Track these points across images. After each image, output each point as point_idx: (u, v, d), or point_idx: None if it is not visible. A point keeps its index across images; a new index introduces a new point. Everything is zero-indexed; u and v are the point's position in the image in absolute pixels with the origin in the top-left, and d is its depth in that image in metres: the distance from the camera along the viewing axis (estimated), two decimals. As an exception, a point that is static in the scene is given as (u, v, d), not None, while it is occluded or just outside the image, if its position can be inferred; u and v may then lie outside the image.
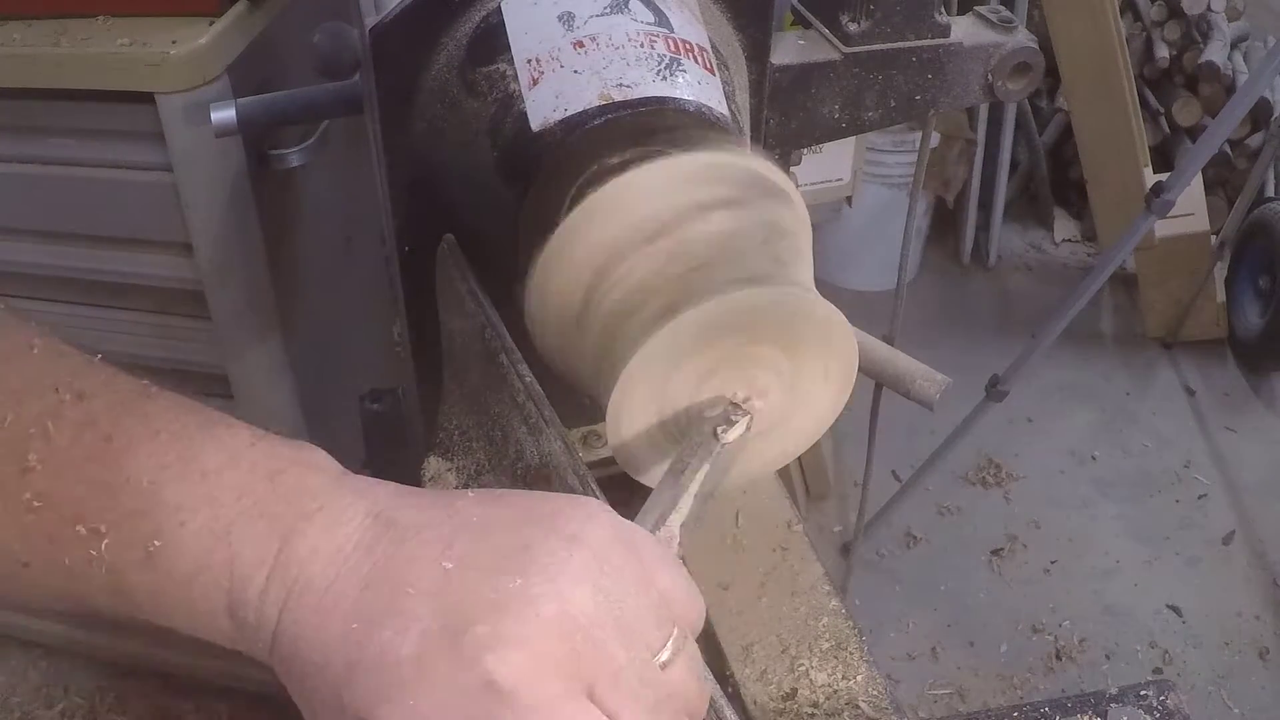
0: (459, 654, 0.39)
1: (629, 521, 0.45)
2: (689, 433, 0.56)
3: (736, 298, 0.53)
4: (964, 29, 0.82)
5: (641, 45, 0.62)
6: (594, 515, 0.43)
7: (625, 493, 0.65)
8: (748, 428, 0.56)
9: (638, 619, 0.42)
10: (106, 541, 0.44)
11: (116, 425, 0.45)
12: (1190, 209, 2.76)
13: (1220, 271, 2.86)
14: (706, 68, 0.65)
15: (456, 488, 0.69)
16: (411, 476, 0.73)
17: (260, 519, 0.43)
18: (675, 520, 0.51)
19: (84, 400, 0.46)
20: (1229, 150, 3.01)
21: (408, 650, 0.39)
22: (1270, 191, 2.91)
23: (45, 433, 0.44)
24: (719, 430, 0.55)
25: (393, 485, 0.47)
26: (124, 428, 0.45)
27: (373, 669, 0.40)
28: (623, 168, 0.57)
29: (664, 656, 0.42)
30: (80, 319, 1.38)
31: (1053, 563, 2.37)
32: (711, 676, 0.46)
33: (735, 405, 0.56)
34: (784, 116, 0.80)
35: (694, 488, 0.52)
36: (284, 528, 0.43)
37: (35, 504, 0.44)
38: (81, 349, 0.49)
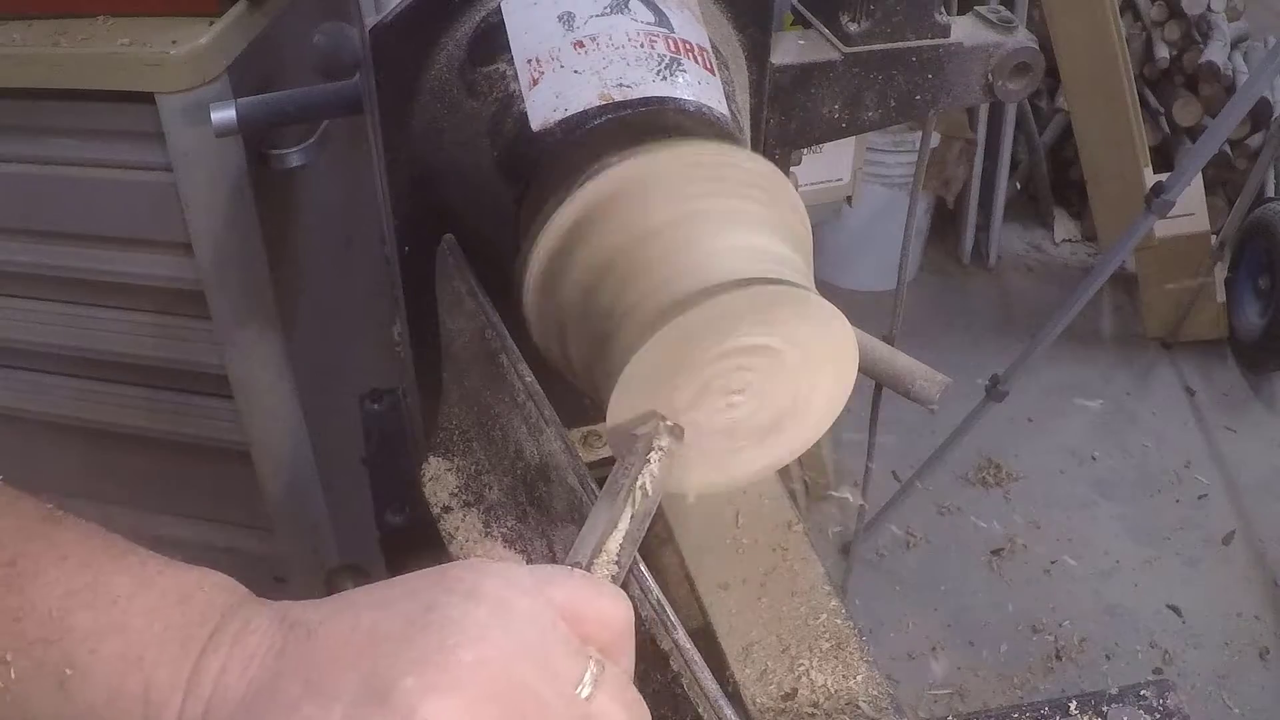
0: (391, 711, 0.39)
1: (518, 568, 0.45)
2: (622, 454, 0.55)
3: (736, 297, 0.52)
4: (964, 29, 0.82)
5: (641, 45, 0.62)
6: (485, 569, 0.44)
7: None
8: (678, 441, 0.55)
9: (551, 657, 0.42)
10: (13, 671, 0.42)
11: (21, 550, 0.44)
12: (1190, 209, 2.76)
13: (1220, 271, 2.86)
14: (706, 68, 0.65)
15: (457, 488, 0.69)
16: (411, 476, 0.73)
17: (172, 642, 0.43)
18: (613, 543, 0.50)
19: None
20: (1229, 150, 3.01)
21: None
22: (1270, 191, 2.91)
23: None
24: (652, 447, 0.54)
25: (295, 602, 0.46)
26: (29, 553, 0.44)
27: None
28: (622, 168, 0.57)
29: (585, 691, 0.42)
30: (80, 319, 1.38)
31: (1053, 563, 2.37)
32: (645, 709, 0.46)
33: (663, 421, 0.55)
34: (784, 116, 0.80)
35: (629, 508, 0.51)
36: (196, 648, 0.43)
37: None
38: None
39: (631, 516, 0.51)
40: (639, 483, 0.52)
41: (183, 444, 1.45)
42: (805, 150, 0.92)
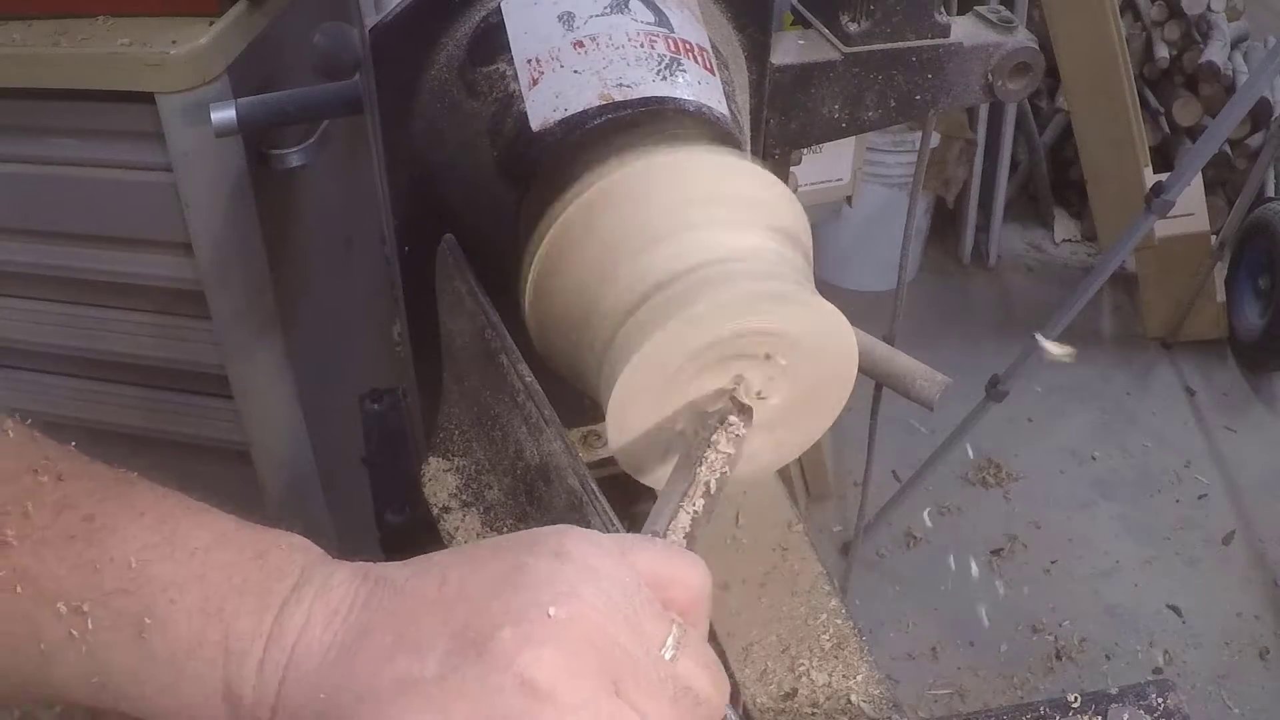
0: (489, 661, 0.39)
1: (600, 534, 0.45)
2: (695, 430, 0.56)
3: (736, 298, 0.53)
4: (964, 29, 0.82)
5: (641, 45, 0.62)
6: (569, 532, 0.44)
7: (625, 493, 0.65)
8: (749, 421, 0.56)
9: (639, 618, 0.42)
10: (90, 621, 0.42)
11: (99, 506, 0.44)
12: (1190, 209, 2.76)
13: (1220, 271, 2.86)
14: (706, 68, 0.65)
15: (457, 488, 0.70)
16: (411, 476, 0.73)
17: (251, 594, 0.43)
18: (684, 517, 0.51)
19: (64, 481, 0.45)
20: (1229, 150, 3.01)
21: (430, 672, 0.39)
22: (1270, 191, 2.91)
23: (24, 512, 0.43)
24: (723, 424, 0.55)
25: (367, 563, 0.46)
26: (106, 509, 0.44)
27: (391, 697, 0.39)
28: (622, 168, 0.57)
29: (669, 653, 0.42)
30: (80, 319, 1.38)
31: (1053, 563, 2.37)
32: (725, 672, 0.46)
33: (736, 399, 0.56)
34: (784, 116, 0.80)
35: (700, 484, 0.52)
36: (276, 600, 0.43)
37: (11, 581, 0.42)
38: (56, 442, 0.48)
39: (704, 490, 0.52)
40: (712, 457, 0.53)
41: (183, 444, 1.45)
42: (805, 150, 0.92)
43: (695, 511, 0.52)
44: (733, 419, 0.55)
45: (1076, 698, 0.62)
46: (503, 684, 0.38)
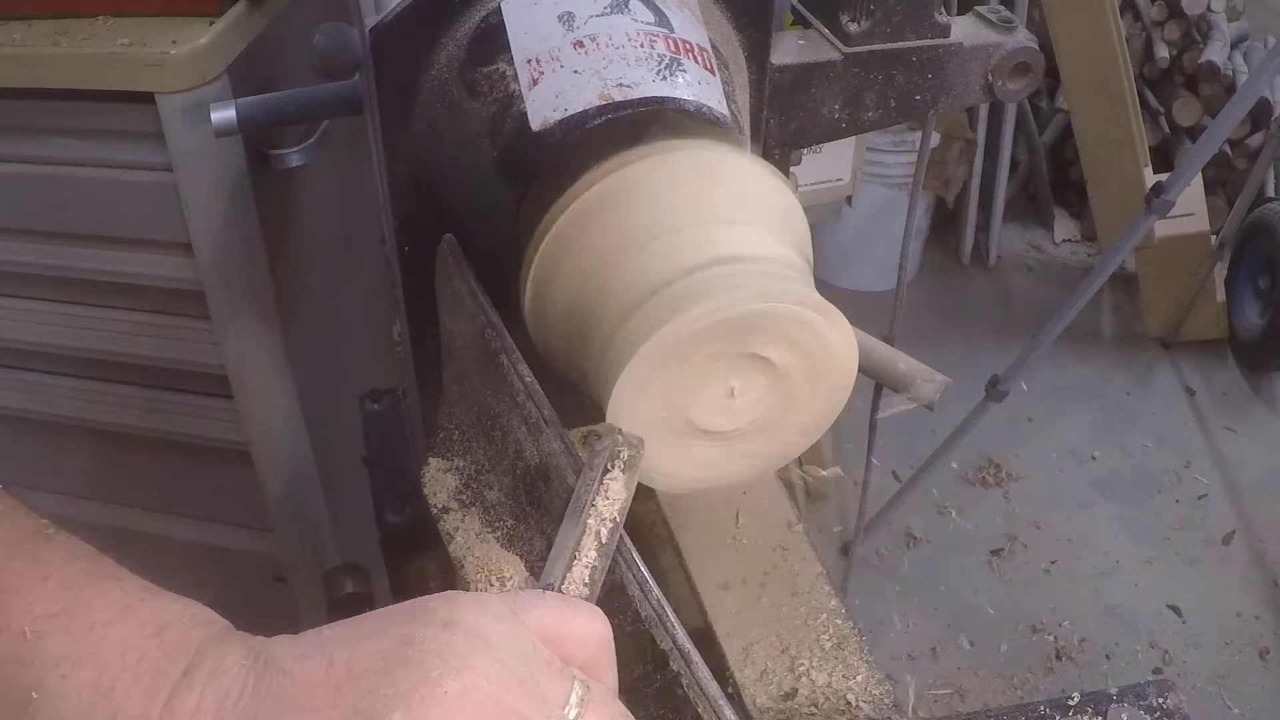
0: None
1: (490, 595, 0.45)
2: (582, 472, 0.55)
3: (736, 298, 0.52)
4: (964, 29, 0.82)
5: (641, 45, 0.62)
6: (457, 599, 0.43)
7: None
8: (637, 460, 0.54)
9: (537, 680, 0.41)
10: None
11: (6, 565, 0.43)
12: (1190, 209, 2.76)
13: (1220, 271, 2.86)
14: (706, 68, 0.65)
15: (457, 488, 0.69)
16: (411, 476, 0.73)
17: (146, 674, 0.42)
18: (582, 562, 0.50)
19: None
20: (1229, 150, 3.01)
21: None
22: (1270, 191, 2.91)
23: None
24: (610, 463, 0.53)
25: (267, 638, 0.45)
26: (12, 569, 0.43)
27: None
28: (622, 168, 0.57)
29: (573, 712, 0.42)
30: (80, 319, 1.38)
31: (1053, 563, 2.37)
32: (628, 714, 0.45)
33: (621, 432, 0.54)
34: (784, 116, 0.80)
35: (591, 534, 0.51)
36: (169, 683, 0.42)
37: None
38: None
39: (598, 533, 0.51)
40: (600, 505, 0.52)
41: (183, 444, 1.45)
42: (805, 150, 0.92)
43: (590, 562, 0.50)
44: (621, 453, 0.53)
45: (1076, 697, 0.62)
46: None
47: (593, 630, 0.45)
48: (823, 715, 0.65)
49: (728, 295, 0.52)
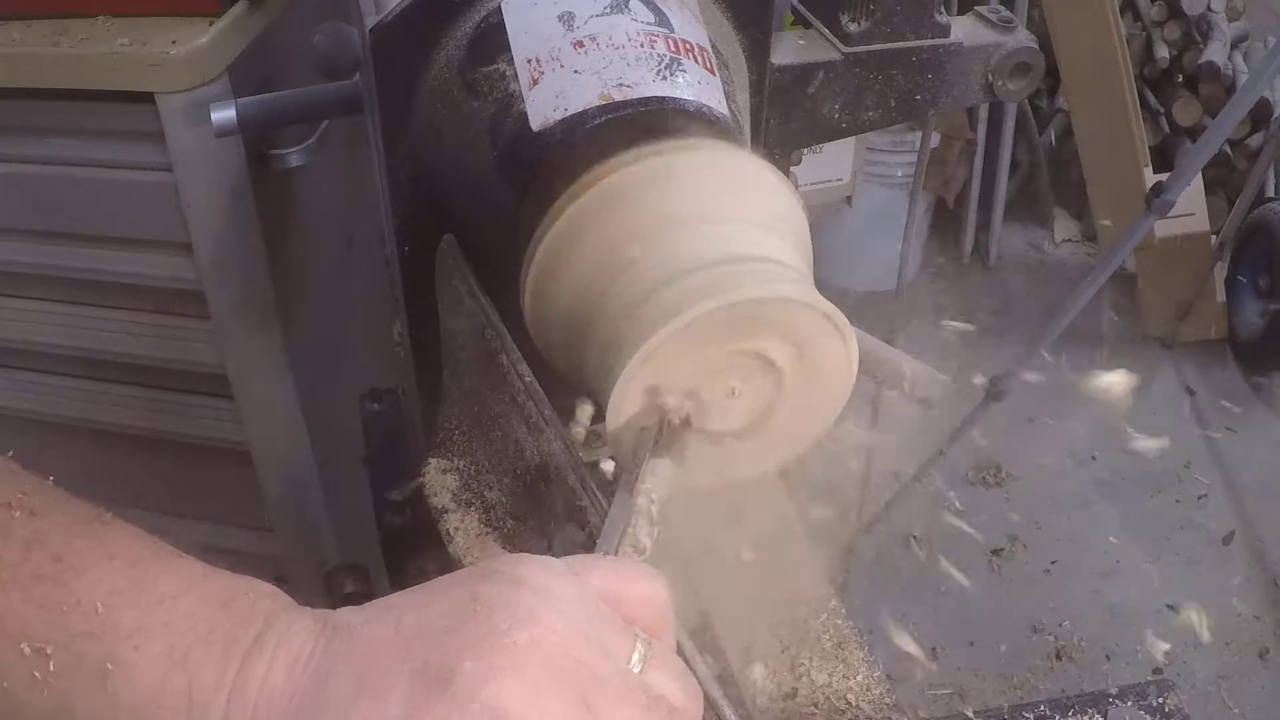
0: (453, 696, 0.39)
1: (550, 558, 0.45)
2: (636, 447, 0.56)
3: (736, 297, 0.52)
4: (964, 29, 0.82)
5: (641, 45, 0.62)
6: (524, 559, 0.44)
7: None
8: (687, 428, 0.56)
9: (602, 635, 0.42)
10: (53, 664, 0.42)
11: (68, 546, 0.44)
12: (1190, 209, 2.76)
13: (1220, 271, 2.86)
14: (706, 68, 0.65)
15: (457, 488, 0.69)
16: (411, 476, 0.73)
17: (217, 643, 0.43)
18: (634, 533, 0.51)
19: (35, 518, 0.45)
20: (1229, 150, 3.00)
21: (394, 714, 0.39)
22: (1270, 191, 2.90)
23: None
24: (661, 435, 0.54)
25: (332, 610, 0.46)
26: (76, 549, 0.44)
27: None
28: (622, 168, 0.57)
29: (636, 666, 0.43)
30: (80, 319, 1.38)
31: (1053, 563, 2.37)
32: (695, 680, 0.46)
33: (670, 408, 0.55)
34: (784, 116, 0.80)
35: (645, 492, 0.52)
36: (240, 650, 0.43)
37: None
38: (34, 473, 0.48)
39: (649, 503, 0.52)
40: (652, 470, 0.53)
41: (183, 444, 1.45)
42: (805, 150, 0.92)
43: (644, 523, 0.51)
44: (670, 428, 0.54)
45: (1076, 698, 0.63)
46: (471, 715, 0.38)
47: (653, 592, 0.46)
48: (823, 715, 0.65)
49: (728, 294, 0.52)
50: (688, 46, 0.64)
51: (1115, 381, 0.89)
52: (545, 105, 0.61)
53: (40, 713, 0.43)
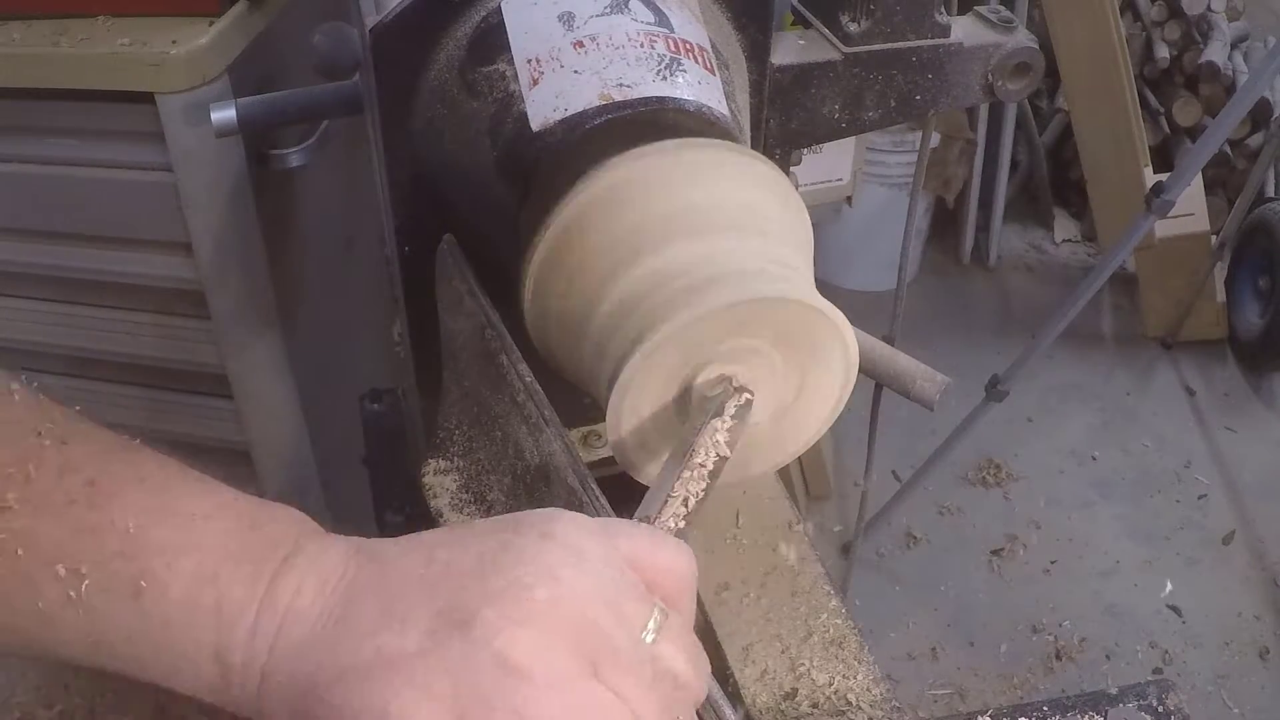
0: (470, 639, 0.40)
1: (586, 517, 0.46)
2: (692, 415, 0.56)
3: (736, 297, 0.53)
4: (964, 29, 0.82)
5: (641, 45, 0.62)
6: (558, 515, 0.45)
7: (625, 493, 0.65)
8: (748, 407, 0.56)
9: (620, 600, 0.43)
10: (87, 583, 0.43)
11: (100, 471, 0.45)
12: (1190, 209, 2.76)
13: (1220, 271, 2.86)
14: (706, 68, 0.65)
15: (457, 488, 0.70)
16: (411, 476, 0.73)
17: (247, 562, 0.44)
18: (675, 504, 0.52)
19: (67, 445, 0.46)
20: (1229, 150, 3.00)
21: (411, 647, 0.40)
22: (1270, 191, 2.90)
23: (26, 475, 0.44)
24: (723, 409, 0.55)
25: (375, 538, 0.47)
26: (108, 473, 0.45)
27: (371, 669, 0.40)
28: (622, 168, 0.57)
29: (650, 636, 0.43)
30: (80, 319, 1.38)
31: (1053, 563, 2.37)
32: (705, 658, 0.47)
33: (736, 386, 0.56)
34: (784, 116, 0.80)
35: (696, 467, 0.53)
36: (270, 568, 0.44)
37: (11, 544, 0.43)
38: (62, 403, 0.49)
39: (699, 476, 0.53)
40: (709, 441, 0.53)
41: (183, 444, 1.45)
42: (805, 150, 0.92)
43: (689, 496, 0.52)
44: (731, 404, 0.55)
45: (1076, 697, 0.63)
46: (481, 662, 0.39)
47: (680, 564, 0.46)
48: (823, 715, 0.65)
49: (728, 294, 0.52)
50: (688, 46, 0.64)
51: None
52: (545, 105, 0.61)
53: (75, 631, 0.44)
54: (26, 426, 0.46)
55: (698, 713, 0.49)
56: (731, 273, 0.54)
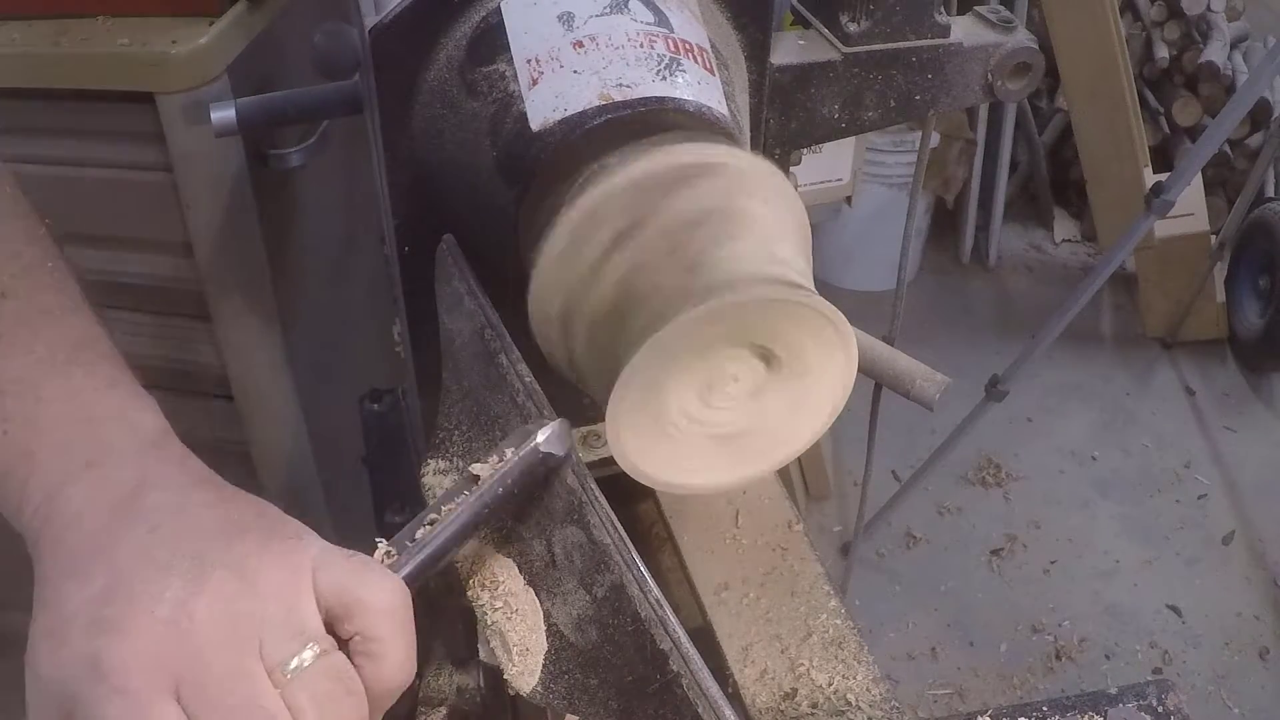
0: (87, 628, 0.45)
1: (308, 546, 0.49)
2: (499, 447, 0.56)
3: (736, 297, 0.52)
4: (964, 29, 0.81)
5: (641, 45, 0.62)
6: (271, 543, 0.48)
7: (625, 493, 0.65)
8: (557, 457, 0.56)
9: (257, 633, 0.45)
10: None
11: (11, 331, 0.54)
12: (1190, 209, 2.76)
13: (1220, 271, 2.86)
14: (706, 68, 0.65)
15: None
16: (411, 476, 0.73)
17: (58, 455, 0.51)
18: (430, 531, 0.53)
19: (4, 299, 0.55)
20: (1229, 150, 3.01)
21: (69, 609, 0.46)
22: (1270, 191, 2.91)
23: None
24: (520, 449, 0.55)
25: (180, 467, 0.54)
26: (14, 335, 0.54)
27: (47, 611, 0.47)
28: (621, 167, 0.57)
29: (289, 673, 0.46)
30: (80, 319, 1.38)
31: (1053, 563, 2.37)
32: (358, 706, 0.47)
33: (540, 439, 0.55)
34: (784, 116, 0.80)
35: (471, 505, 0.53)
36: (71, 468, 0.51)
37: None
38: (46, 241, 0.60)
39: (460, 521, 0.53)
40: (493, 485, 0.54)
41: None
42: (805, 150, 0.92)
43: (438, 544, 0.53)
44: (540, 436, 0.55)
45: (1076, 697, 0.63)
46: (80, 655, 0.44)
47: (379, 599, 0.48)
48: (823, 715, 0.65)
49: (728, 295, 0.52)
50: (687, 46, 0.64)
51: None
52: (545, 105, 0.61)
53: None
54: None
55: (699, 712, 0.49)
56: (730, 274, 0.54)
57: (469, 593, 0.60)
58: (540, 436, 0.55)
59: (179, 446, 0.56)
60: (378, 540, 0.54)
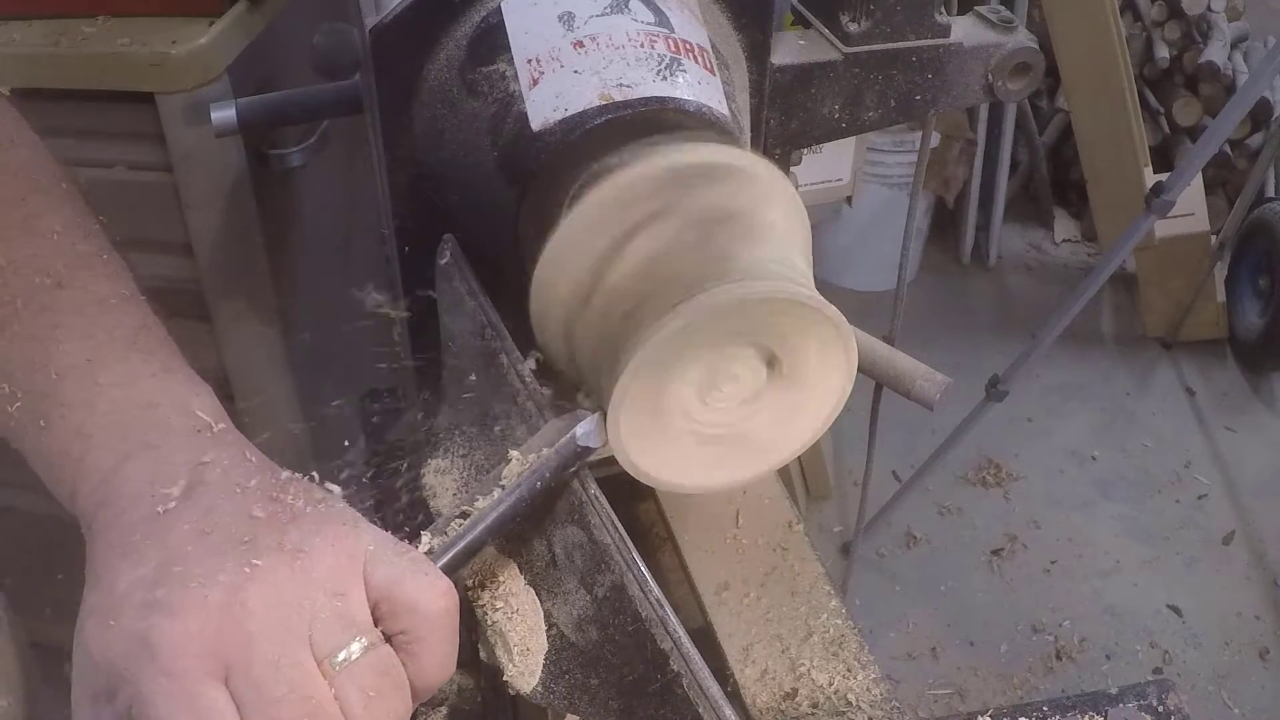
0: (139, 608, 0.45)
1: (360, 529, 0.49)
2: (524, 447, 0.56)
3: (736, 297, 0.52)
4: (964, 29, 0.81)
5: (641, 45, 0.62)
6: (323, 530, 0.48)
7: (625, 493, 0.65)
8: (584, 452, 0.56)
9: (310, 626, 0.46)
10: (18, 404, 0.54)
11: (62, 322, 0.55)
12: (1190, 209, 2.76)
13: (1220, 271, 2.86)
14: (706, 68, 0.65)
15: (457, 488, 0.69)
16: (411, 476, 0.74)
17: (115, 437, 0.52)
18: (475, 531, 0.52)
19: (61, 289, 0.56)
20: (1229, 150, 3.01)
21: (121, 588, 0.46)
22: (1270, 191, 2.91)
23: (15, 312, 0.54)
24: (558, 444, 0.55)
25: (236, 452, 0.54)
26: (69, 323, 0.55)
27: (98, 588, 0.47)
28: (621, 167, 0.57)
29: (337, 664, 0.46)
30: (80, 319, 1.38)
31: (1053, 563, 2.37)
32: (402, 704, 0.47)
33: (579, 434, 0.56)
34: (784, 116, 0.80)
35: (507, 499, 0.53)
36: (128, 449, 0.51)
37: None
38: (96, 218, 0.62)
39: (498, 514, 0.53)
40: (530, 479, 0.54)
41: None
42: (805, 150, 0.92)
43: (475, 537, 0.53)
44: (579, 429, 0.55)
45: (1076, 697, 0.63)
46: (132, 632, 0.44)
47: (426, 600, 0.48)
48: (823, 715, 0.65)
49: (728, 294, 0.52)
50: (688, 46, 0.64)
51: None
52: (545, 105, 0.61)
53: (4, 426, 0.55)
54: (36, 266, 0.56)
55: (699, 712, 0.49)
56: (730, 273, 0.54)
57: (469, 593, 0.60)
58: (580, 430, 0.54)
59: (235, 433, 0.56)
60: (421, 532, 0.53)
